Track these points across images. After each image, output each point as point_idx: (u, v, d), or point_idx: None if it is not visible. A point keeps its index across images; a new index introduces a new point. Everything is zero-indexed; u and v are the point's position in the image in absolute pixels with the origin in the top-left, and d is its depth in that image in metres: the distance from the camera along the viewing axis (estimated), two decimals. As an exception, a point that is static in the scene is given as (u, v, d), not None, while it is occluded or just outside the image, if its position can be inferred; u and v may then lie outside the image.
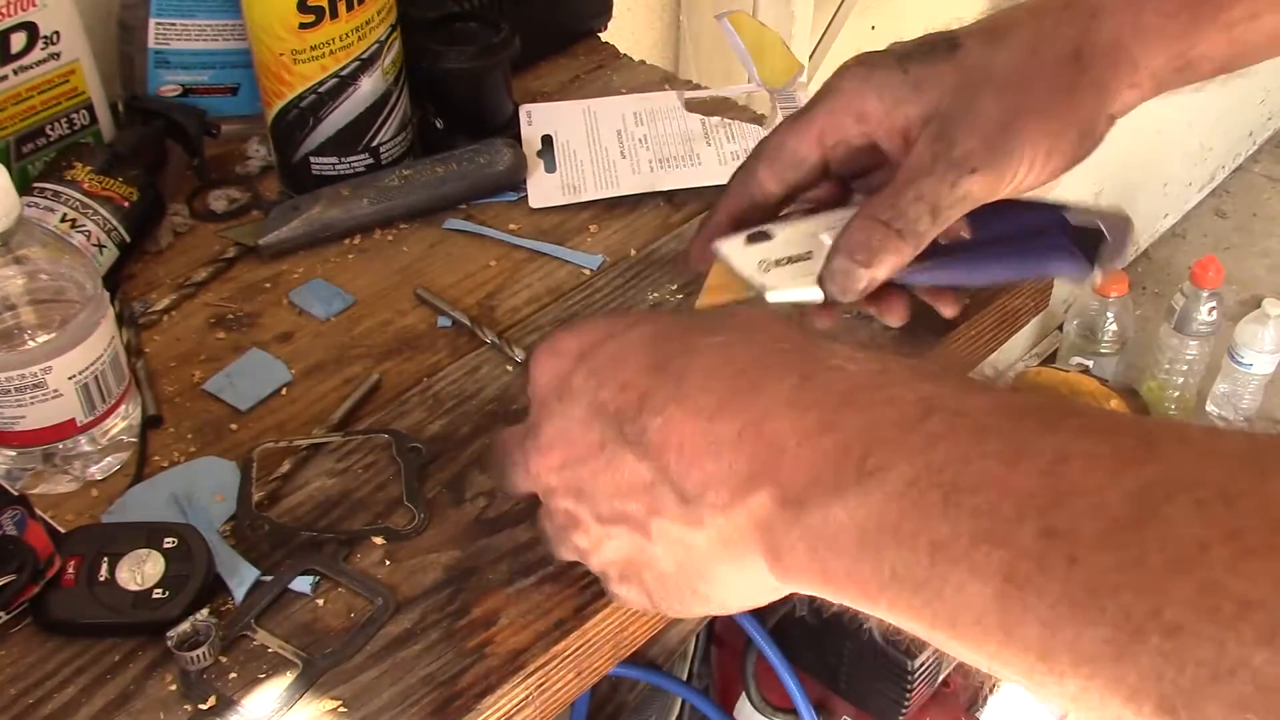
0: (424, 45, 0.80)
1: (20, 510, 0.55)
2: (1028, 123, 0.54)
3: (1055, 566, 0.35)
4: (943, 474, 0.39)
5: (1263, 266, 2.60)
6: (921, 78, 0.55)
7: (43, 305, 0.59)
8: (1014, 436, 0.38)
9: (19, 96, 0.74)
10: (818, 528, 0.41)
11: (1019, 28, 0.55)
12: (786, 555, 0.43)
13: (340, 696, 0.52)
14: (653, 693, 0.99)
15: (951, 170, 0.54)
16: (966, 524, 0.37)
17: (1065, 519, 0.36)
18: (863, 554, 0.40)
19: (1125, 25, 0.55)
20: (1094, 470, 0.36)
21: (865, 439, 0.41)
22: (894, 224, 0.55)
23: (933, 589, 0.38)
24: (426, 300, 0.72)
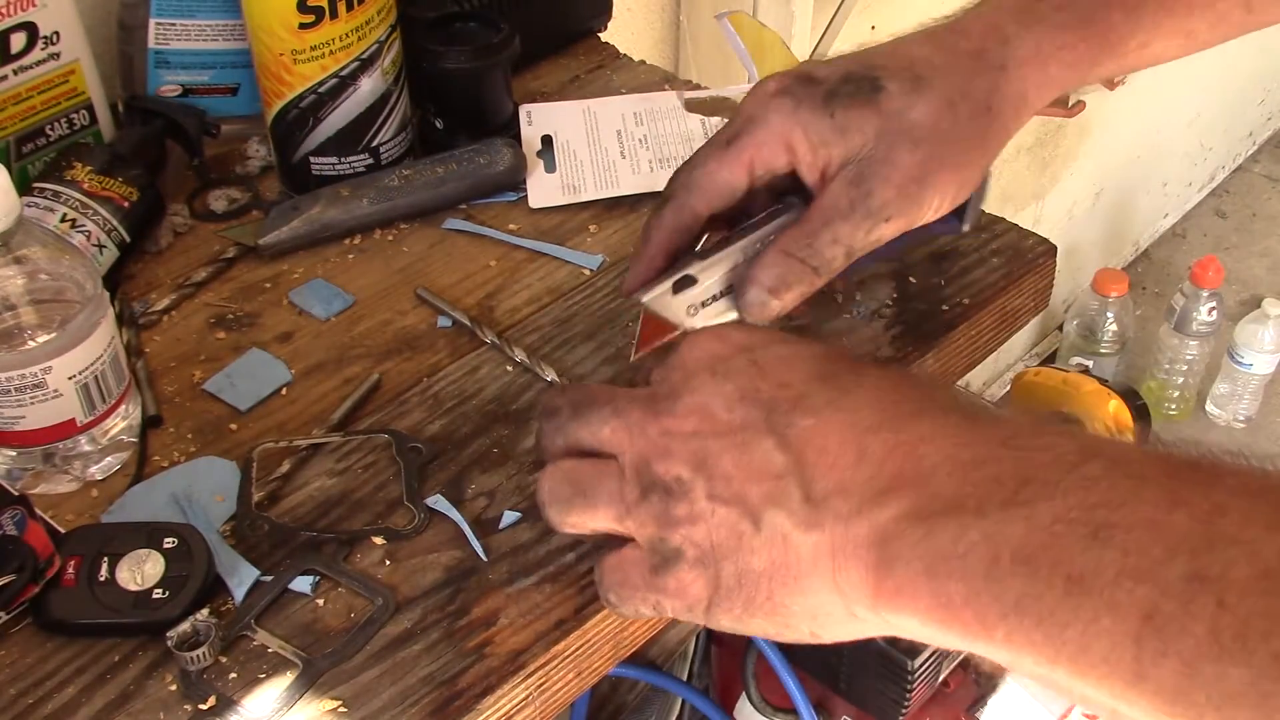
0: (424, 45, 0.80)
1: (20, 510, 0.55)
2: (940, 174, 0.57)
3: (1202, 609, 0.35)
4: (1095, 512, 0.39)
5: (1263, 266, 2.60)
6: (846, 123, 0.56)
7: (43, 305, 0.59)
8: (1170, 486, 0.39)
9: (19, 96, 0.74)
10: (946, 547, 0.41)
11: (938, 77, 0.57)
12: (898, 573, 0.42)
13: (340, 696, 0.52)
14: (653, 693, 0.99)
15: (868, 219, 0.56)
16: (1111, 559, 0.37)
17: (1217, 565, 0.36)
18: (989, 580, 0.40)
19: (1030, 79, 0.58)
20: (1251, 524, 0.36)
21: (1019, 475, 0.41)
22: (810, 261, 0.57)
23: (1060, 621, 0.38)
24: (426, 300, 0.72)
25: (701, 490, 0.48)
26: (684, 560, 0.49)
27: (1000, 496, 0.41)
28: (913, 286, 0.71)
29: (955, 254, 0.74)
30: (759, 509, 0.46)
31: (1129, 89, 1.96)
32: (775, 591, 0.47)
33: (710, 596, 0.49)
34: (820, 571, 0.45)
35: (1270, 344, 2.19)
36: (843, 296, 0.70)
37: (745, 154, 0.58)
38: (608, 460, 0.51)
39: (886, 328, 0.69)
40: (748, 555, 0.47)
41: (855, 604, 0.45)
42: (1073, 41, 0.58)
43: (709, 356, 0.51)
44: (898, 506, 0.43)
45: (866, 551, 0.44)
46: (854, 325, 0.69)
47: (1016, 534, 0.40)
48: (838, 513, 0.45)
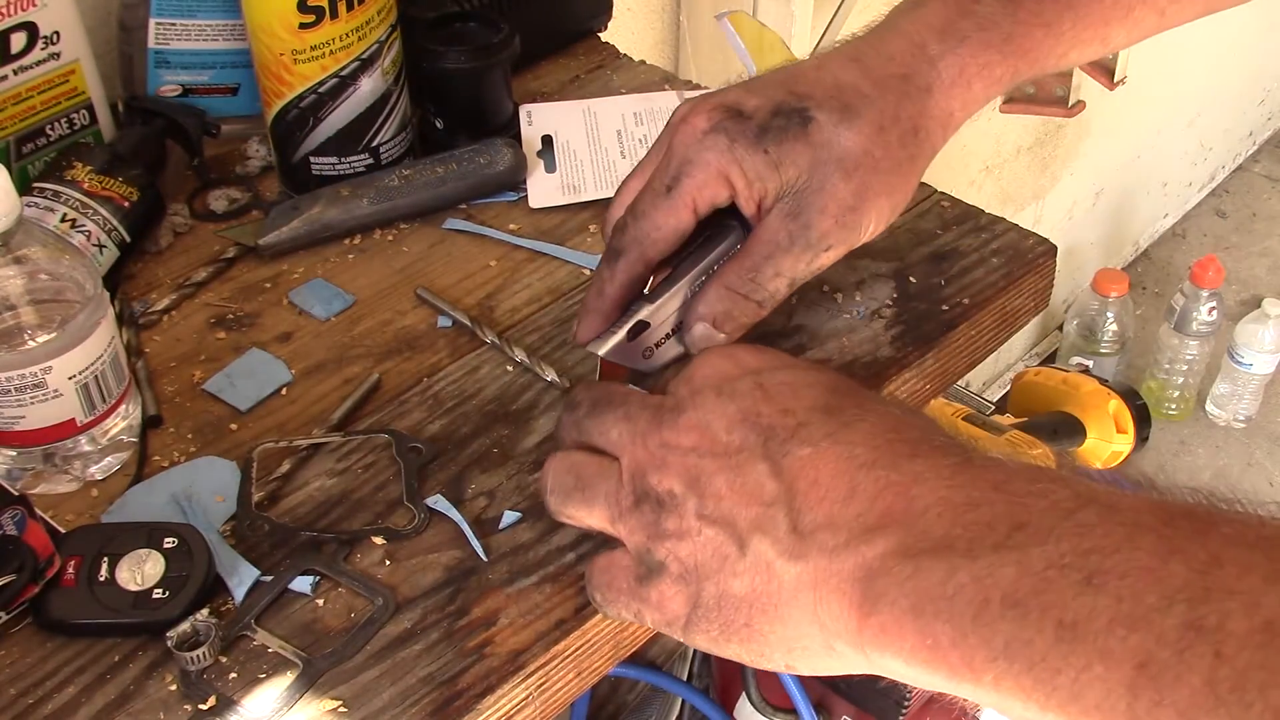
0: (424, 45, 0.80)
1: (20, 510, 0.55)
2: (874, 199, 0.58)
3: (1199, 659, 0.35)
4: (1088, 558, 0.38)
5: (1263, 266, 2.60)
6: (780, 157, 0.57)
7: (43, 305, 0.59)
8: (1166, 534, 0.38)
9: (19, 96, 0.74)
10: (934, 587, 0.41)
11: (866, 105, 0.58)
12: (883, 611, 0.42)
13: (340, 696, 0.52)
14: (653, 693, 0.99)
15: (808, 250, 0.58)
16: (1105, 606, 0.37)
17: (1214, 616, 0.35)
18: (978, 623, 0.39)
19: (956, 99, 0.60)
20: (1248, 575, 0.36)
21: (1012, 519, 0.41)
22: (753, 296, 0.58)
23: (1051, 667, 0.38)
24: (427, 300, 0.72)
25: (692, 508, 0.48)
26: (667, 574, 0.49)
27: (992, 540, 0.41)
28: (913, 286, 0.71)
29: (955, 254, 0.74)
30: (745, 534, 0.47)
31: (1129, 89, 1.96)
32: (754, 618, 0.47)
33: (688, 614, 0.49)
34: (801, 603, 0.45)
35: (1270, 344, 2.19)
36: (843, 296, 0.70)
37: (688, 198, 0.58)
38: (612, 461, 0.52)
39: (886, 328, 0.69)
40: (729, 578, 0.47)
41: (836, 638, 0.45)
42: (996, 60, 0.59)
43: (717, 375, 0.51)
44: (885, 544, 0.43)
45: (851, 587, 0.43)
46: (854, 325, 0.69)
47: (1007, 577, 0.39)
48: (823, 546, 0.44)
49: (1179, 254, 2.62)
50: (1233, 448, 2.27)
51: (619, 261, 0.59)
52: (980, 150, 1.92)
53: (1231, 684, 0.34)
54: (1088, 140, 2.18)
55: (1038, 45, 0.60)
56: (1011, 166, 2.03)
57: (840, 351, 0.67)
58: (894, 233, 0.60)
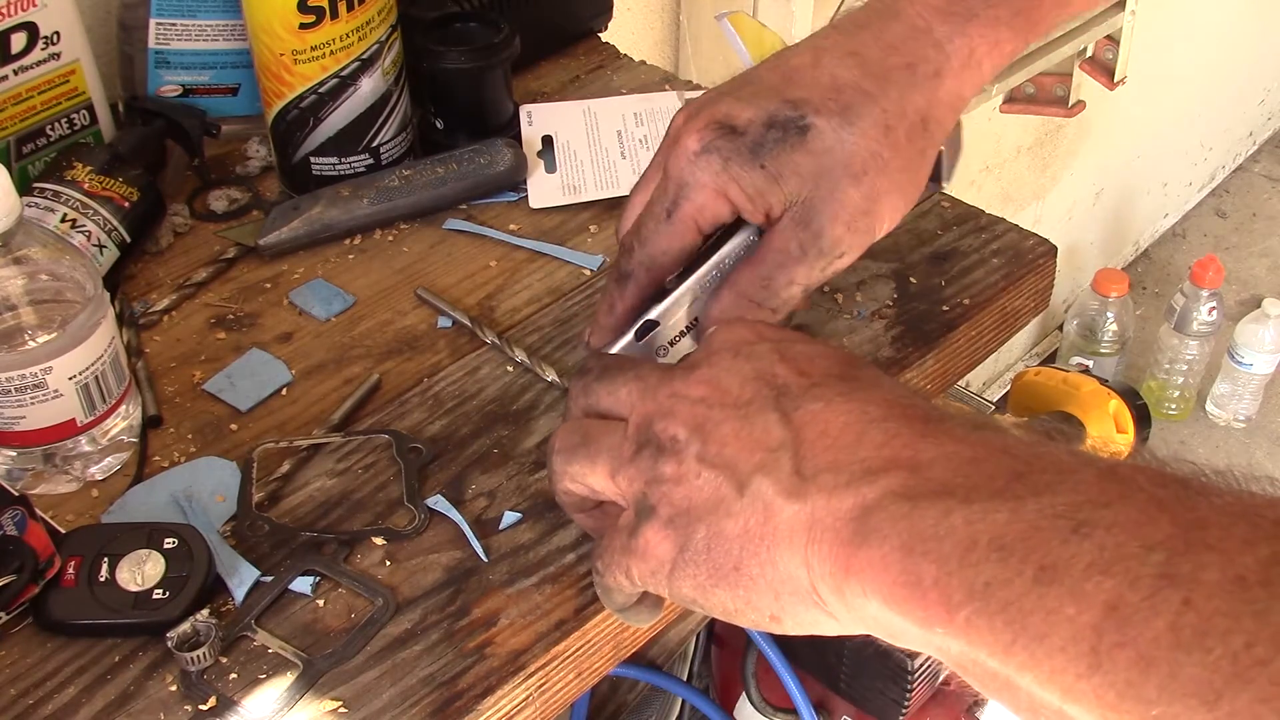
0: (424, 45, 0.80)
1: (20, 510, 0.55)
2: (886, 199, 0.56)
3: (1167, 604, 0.35)
4: (1079, 510, 0.39)
5: (1263, 266, 2.60)
6: (779, 171, 0.55)
7: (43, 305, 0.59)
8: (1158, 496, 0.39)
9: (19, 96, 0.74)
10: (926, 527, 0.41)
11: (868, 103, 0.55)
12: (873, 546, 0.42)
13: (340, 697, 0.52)
14: (653, 693, 0.99)
15: (821, 258, 0.56)
16: (1086, 552, 0.38)
17: (1189, 567, 0.36)
18: (963, 564, 0.40)
19: (967, 82, 0.58)
20: (1229, 537, 0.37)
21: (1013, 472, 0.41)
22: (767, 304, 0.57)
23: (1023, 608, 0.38)
24: (427, 300, 0.72)
25: (694, 451, 0.48)
26: (655, 518, 0.48)
27: (990, 488, 0.41)
28: (913, 286, 0.71)
29: (955, 254, 0.74)
30: (747, 476, 0.46)
31: (1129, 89, 1.96)
32: (744, 560, 0.46)
33: (675, 559, 0.47)
34: (794, 544, 0.45)
35: (1270, 344, 2.19)
36: (843, 296, 0.70)
37: (689, 221, 0.57)
38: (619, 422, 0.51)
39: (887, 328, 0.69)
40: (723, 518, 0.46)
41: (821, 580, 0.44)
42: (1006, 36, 0.57)
43: (736, 339, 0.51)
44: (886, 484, 0.43)
45: (845, 525, 0.43)
46: (854, 325, 0.69)
47: (998, 522, 0.40)
48: (824, 486, 0.44)
49: (1179, 254, 2.62)
50: (1233, 448, 2.27)
51: (629, 284, 0.59)
52: (980, 150, 1.92)
53: (1194, 629, 0.35)
54: (1088, 140, 2.18)
55: (1047, 15, 0.58)
56: (1011, 166, 2.03)
57: (840, 352, 0.67)
58: (894, 233, 0.60)
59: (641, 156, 0.83)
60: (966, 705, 1.11)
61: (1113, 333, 2.19)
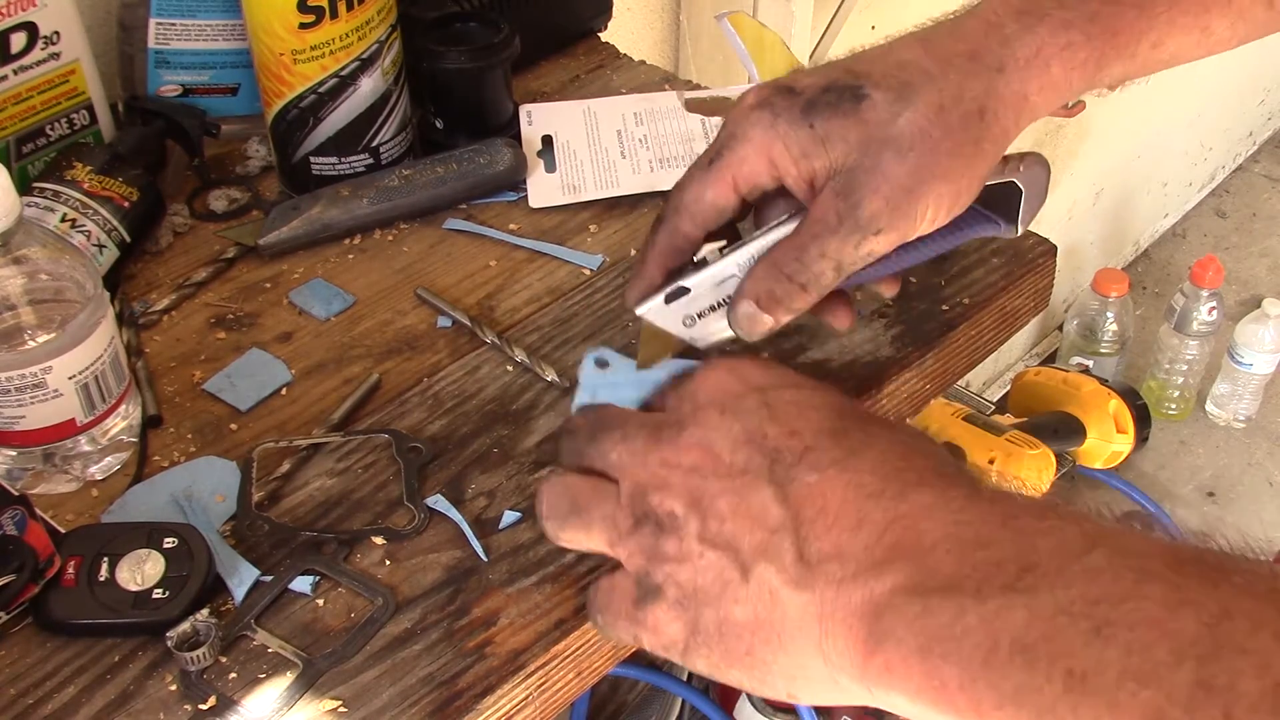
0: (424, 45, 0.80)
1: (20, 510, 0.55)
2: (932, 184, 0.54)
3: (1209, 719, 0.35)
4: (1098, 607, 0.38)
5: (1263, 266, 2.60)
6: (828, 133, 0.54)
7: (43, 305, 0.59)
8: (1176, 582, 0.38)
9: (19, 96, 0.74)
10: (942, 628, 0.40)
11: (926, 83, 0.54)
12: (890, 649, 0.42)
13: (340, 696, 0.52)
14: (653, 693, 0.99)
15: (857, 231, 0.54)
16: (1115, 658, 0.37)
17: (1225, 674, 0.35)
18: (987, 667, 0.39)
19: (1031, 81, 0.55)
20: (1260, 632, 0.36)
21: (1021, 560, 0.40)
22: (797, 278, 0.56)
23: (1059, 717, 0.37)
24: (427, 300, 0.72)
25: (694, 529, 0.47)
26: (663, 599, 0.48)
27: (1000, 581, 0.40)
28: (913, 286, 0.71)
29: (955, 254, 0.74)
30: (750, 560, 0.46)
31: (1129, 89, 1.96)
32: (756, 646, 0.46)
33: (687, 640, 0.48)
34: (806, 633, 0.44)
35: (1270, 344, 2.19)
36: (843, 296, 0.70)
37: (727, 172, 0.56)
38: (609, 483, 0.51)
39: (887, 328, 0.69)
40: (731, 604, 0.46)
41: (840, 672, 0.44)
42: (1079, 40, 0.55)
43: (721, 392, 0.50)
44: (894, 579, 0.42)
45: (858, 622, 0.43)
46: (854, 325, 0.69)
47: (1016, 622, 0.39)
48: (830, 576, 0.44)
49: (1179, 254, 2.62)
50: (1233, 448, 2.27)
51: (660, 229, 0.59)
52: (980, 150, 1.92)
53: None
54: (1088, 140, 2.18)
55: (1128, 27, 0.56)
56: (1011, 166, 2.02)
57: (840, 351, 0.67)
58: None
59: (641, 156, 0.83)
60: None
61: (1113, 333, 2.19)
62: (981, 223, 0.59)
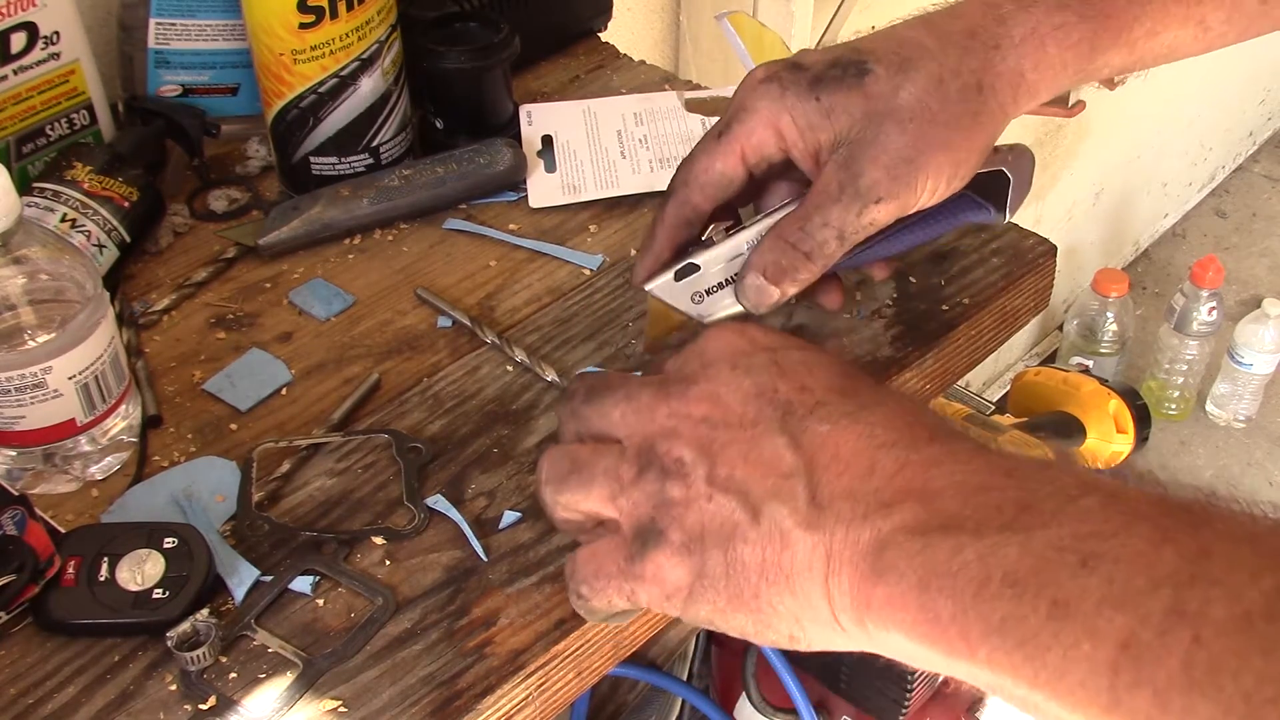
0: (424, 45, 0.80)
1: (20, 510, 0.55)
2: (932, 155, 0.56)
3: (1178, 642, 0.36)
4: (1086, 542, 0.39)
5: (1263, 266, 2.60)
6: (832, 105, 0.57)
7: (43, 305, 0.59)
8: (1162, 524, 0.39)
9: (19, 96, 0.74)
10: (940, 564, 0.41)
11: (926, 58, 0.57)
12: (890, 583, 0.42)
13: (340, 696, 0.52)
14: (653, 693, 0.99)
15: (857, 200, 0.56)
16: (1096, 587, 0.38)
17: (1196, 601, 0.36)
18: (978, 599, 0.40)
19: (1027, 58, 0.57)
20: (1235, 569, 0.37)
21: (1019, 502, 0.42)
22: (801, 246, 0.58)
23: (1041, 644, 0.39)
24: (427, 300, 0.72)
25: (702, 474, 0.47)
26: (666, 544, 0.47)
27: (999, 521, 0.41)
28: (913, 286, 0.71)
29: (955, 254, 0.74)
30: (760, 501, 0.46)
31: (1129, 89, 1.96)
32: (763, 589, 0.46)
33: (691, 585, 0.47)
34: (814, 574, 0.45)
35: (1270, 344, 2.19)
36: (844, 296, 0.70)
37: (736, 144, 0.59)
38: (612, 444, 0.50)
39: (886, 328, 0.69)
40: (740, 546, 0.46)
41: (842, 612, 0.45)
42: (1072, 21, 0.58)
43: (730, 350, 0.50)
44: (900, 518, 0.43)
45: (862, 559, 0.43)
46: (854, 325, 0.69)
47: (1010, 557, 0.40)
48: (841, 516, 0.44)
49: (1179, 254, 2.62)
50: (1233, 448, 2.27)
51: (668, 202, 0.61)
52: (980, 150, 1.92)
53: (1206, 667, 0.35)
54: (1088, 140, 2.18)
55: (1121, 11, 0.59)
56: (1011, 166, 2.02)
57: (840, 351, 0.67)
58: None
59: (641, 156, 0.83)
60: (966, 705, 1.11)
61: (1113, 333, 2.19)
62: (973, 209, 0.61)
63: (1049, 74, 0.58)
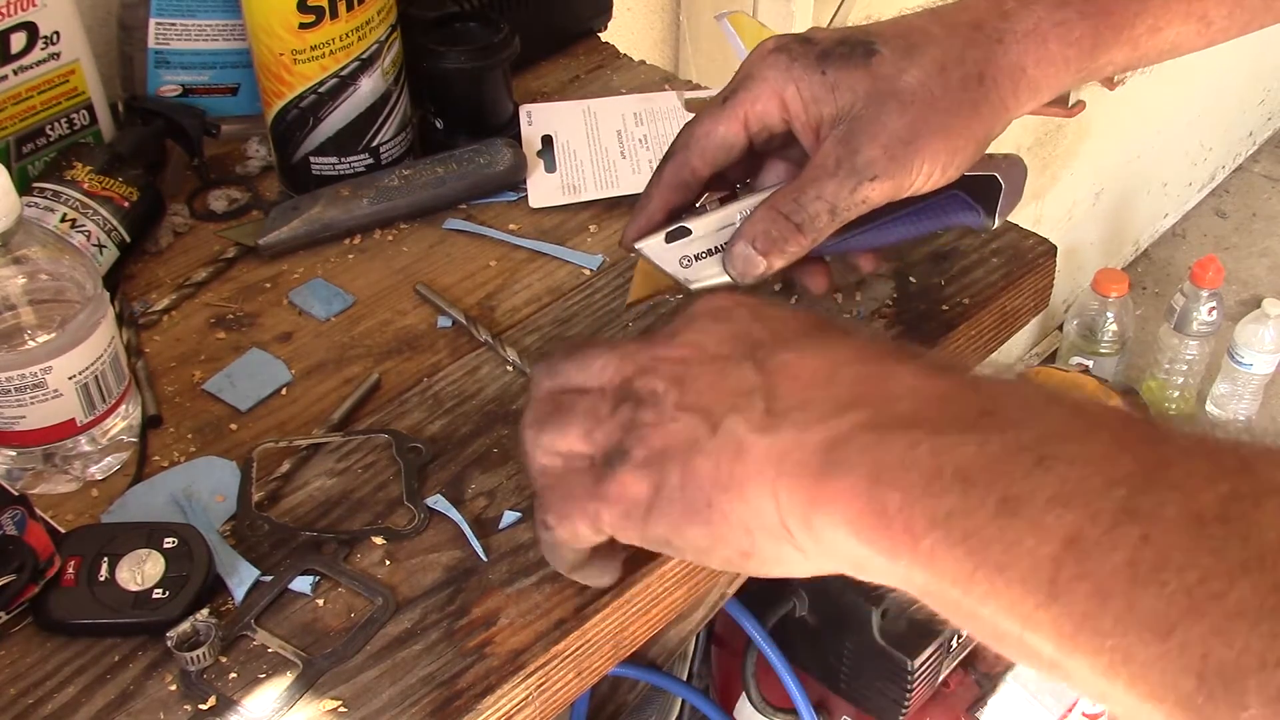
0: (424, 45, 0.80)
1: (20, 510, 0.55)
2: (929, 139, 0.57)
3: (1126, 538, 0.36)
4: (1045, 444, 0.40)
5: (1263, 266, 2.60)
6: (838, 81, 0.58)
7: (43, 305, 0.59)
8: (1124, 436, 0.40)
9: (19, 96, 0.74)
10: (894, 456, 0.42)
11: (932, 44, 0.58)
12: (840, 477, 0.42)
13: (340, 696, 0.52)
14: (653, 693, 0.99)
15: (853, 176, 0.57)
16: (1048, 484, 0.38)
17: (1149, 504, 0.37)
18: (926, 492, 0.40)
19: (1029, 54, 0.58)
20: (1192, 476, 0.37)
21: (982, 409, 0.42)
22: (793, 218, 0.58)
23: (984, 539, 0.39)
24: (426, 297, 0.72)
25: (671, 400, 0.48)
26: (630, 461, 0.48)
27: (959, 424, 0.42)
28: (913, 286, 0.71)
29: (955, 254, 0.74)
30: (720, 416, 0.47)
31: (1129, 89, 1.96)
32: (716, 498, 0.46)
33: (650, 500, 0.48)
34: (763, 477, 0.45)
35: (1270, 344, 2.19)
36: (843, 296, 0.70)
37: (740, 109, 0.59)
38: (592, 390, 0.51)
39: (887, 328, 0.69)
40: (697, 457, 0.47)
41: (789, 514, 0.44)
42: (1074, 18, 0.59)
43: (714, 307, 0.52)
44: (855, 417, 0.44)
45: (813, 457, 0.44)
46: (855, 325, 0.69)
47: (965, 454, 0.40)
48: (795, 421, 0.45)
49: (1179, 254, 2.62)
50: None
51: (666, 164, 0.61)
52: (980, 150, 1.92)
53: (1151, 564, 0.35)
54: (1088, 140, 2.18)
55: (1122, 8, 0.60)
56: (1011, 166, 2.02)
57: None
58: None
59: (641, 156, 0.83)
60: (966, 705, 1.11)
61: (1113, 333, 2.19)
62: (963, 209, 0.62)
63: (1050, 70, 0.59)
